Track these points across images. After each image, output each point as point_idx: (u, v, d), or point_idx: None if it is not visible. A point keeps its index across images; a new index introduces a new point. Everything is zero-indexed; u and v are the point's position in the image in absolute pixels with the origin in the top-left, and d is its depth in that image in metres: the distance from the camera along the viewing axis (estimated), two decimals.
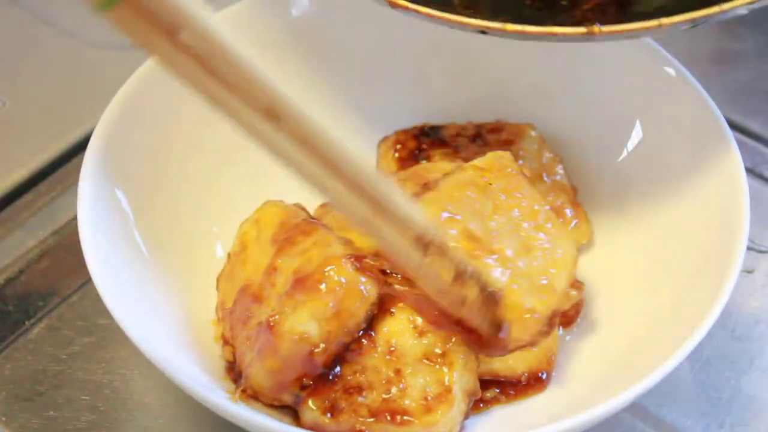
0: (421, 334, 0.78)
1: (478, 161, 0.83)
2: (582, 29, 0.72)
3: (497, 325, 0.77)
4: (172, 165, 0.91)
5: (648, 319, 0.84)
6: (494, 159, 0.83)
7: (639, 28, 0.72)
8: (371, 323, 0.78)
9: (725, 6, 0.71)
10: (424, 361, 0.77)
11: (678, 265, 0.85)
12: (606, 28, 0.73)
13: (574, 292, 0.82)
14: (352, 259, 0.77)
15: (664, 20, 0.71)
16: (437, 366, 0.76)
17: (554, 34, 0.72)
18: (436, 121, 0.98)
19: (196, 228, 0.91)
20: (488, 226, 0.78)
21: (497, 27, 0.71)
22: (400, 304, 0.78)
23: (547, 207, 0.83)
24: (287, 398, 0.78)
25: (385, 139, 0.97)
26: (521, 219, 0.80)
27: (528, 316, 0.77)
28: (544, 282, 0.79)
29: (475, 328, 0.77)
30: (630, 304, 0.85)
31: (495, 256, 0.77)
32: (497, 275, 0.76)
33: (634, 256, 0.90)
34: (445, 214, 0.76)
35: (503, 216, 0.79)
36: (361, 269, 0.77)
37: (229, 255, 0.86)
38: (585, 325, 0.88)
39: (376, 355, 0.77)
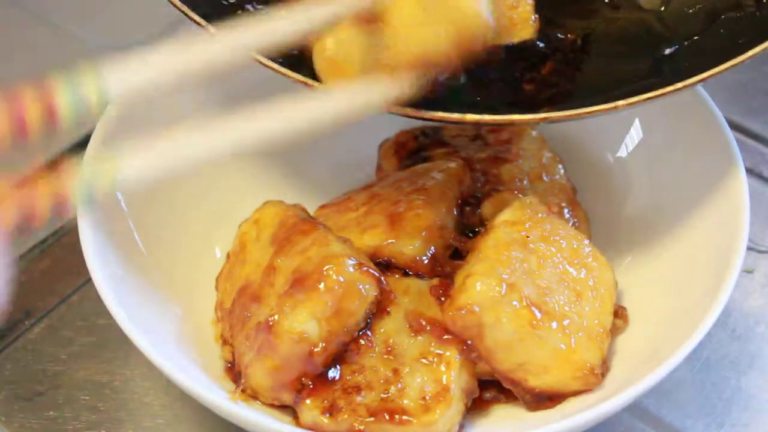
0: (418, 332, 0.78)
1: (507, 215, 0.83)
2: (540, 115, 0.75)
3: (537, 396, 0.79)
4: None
5: (647, 319, 0.84)
6: (522, 209, 0.83)
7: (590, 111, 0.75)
8: (369, 323, 0.78)
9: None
10: (422, 360, 0.77)
11: (678, 265, 0.85)
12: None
13: (620, 322, 0.84)
14: (351, 259, 0.77)
15: (620, 102, 0.74)
16: (435, 365, 0.76)
17: (513, 122, 0.76)
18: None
19: (196, 228, 0.91)
20: (540, 285, 0.78)
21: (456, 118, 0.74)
22: (397, 303, 0.79)
23: (586, 240, 0.84)
24: (286, 398, 0.78)
25: (386, 141, 0.97)
26: (566, 263, 0.81)
27: (587, 372, 0.78)
28: (600, 329, 0.80)
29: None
30: (629, 305, 0.85)
31: (554, 323, 0.78)
32: (557, 343, 0.77)
33: (633, 257, 0.90)
34: (504, 285, 0.77)
35: (549, 267, 0.80)
36: (360, 268, 0.77)
37: (228, 255, 0.86)
38: None
39: (374, 355, 0.77)
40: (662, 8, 0.83)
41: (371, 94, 0.71)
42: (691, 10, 0.82)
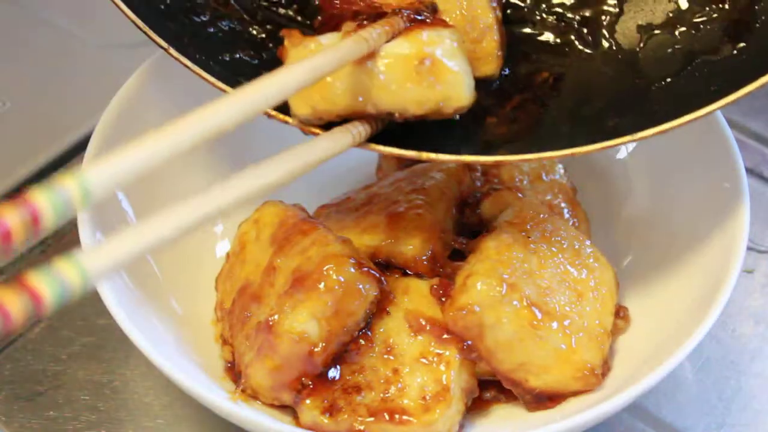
0: (418, 332, 0.78)
1: (508, 215, 0.83)
2: (493, 158, 0.76)
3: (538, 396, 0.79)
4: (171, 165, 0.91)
5: (647, 319, 0.84)
6: (523, 210, 0.83)
7: (548, 156, 0.75)
8: (369, 323, 0.78)
9: (637, 135, 0.74)
10: (422, 360, 0.77)
11: (678, 266, 0.85)
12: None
13: (622, 323, 0.84)
14: (351, 258, 0.77)
15: (577, 149, 0.74)
16: (435, 365, 0.77)
17: (468, 162, 0.77)
18: None
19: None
20: (540, 285, 0.79)
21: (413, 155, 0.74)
22: (396, 303, 0.79)
23: (588, 241, 0.84)
24: (286, 398, 0.78)
25: None
26: (567, 263, 0.81)
27: (587, 373, 0.78)
28: (600, 330, 0.80)
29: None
30: (629, 304, 0.85)
31: (555, 323, 0.78)
32: (558, 343, 0.77)
33: (633, 257, 0.90)
34: (505, 285, 0.77)
35: (550, 267, 0.80)
36: (360, 268, 0.77)
37: (228, 255, 0.86)
38: None
39: (374, 355, 0.77)
40: (639, 47, 0.83)
41: (343, 137, 0.72)
42: (668, 51, 0.82)
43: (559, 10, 0.85)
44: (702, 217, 0.85)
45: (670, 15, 0.83)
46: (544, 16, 0.86)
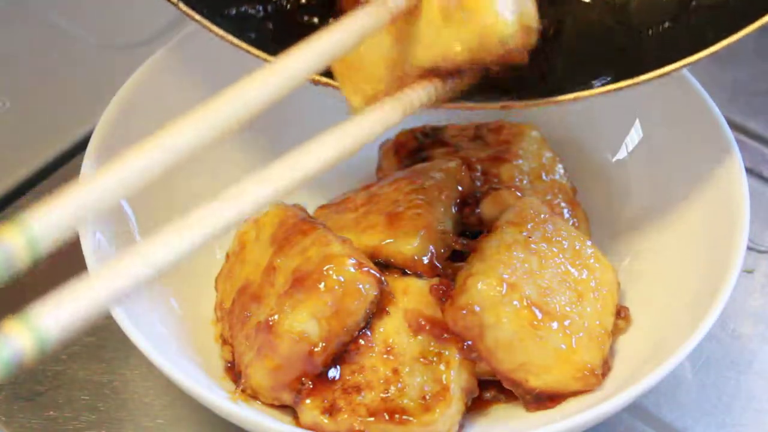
0: (417, 332, 0.78)
1: (509, 216, 0.83)
2: (498, 103, 0.76)
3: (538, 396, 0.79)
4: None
5: (647, 319, 0.84)
6: (524, 210, 0.83)
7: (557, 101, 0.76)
8: (369, 322, 0.78)
9: (642, 77, 0.74)
10: (421, 359, 0.77)
11: (678, 266, 0.85)
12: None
13: (622, 323, 0.84)
14: (351, 258, 0.77)
15: (582, 93, 0.75)
16: (434, 364, 0.77)
17: (471, 108, 0.76)
18: (438, 121, 0.98)
19: None
20: (541, 285, 0.79)
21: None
22: (396, 303, 0.79)
23: (589, 242, 0.84)
24: (286, 398, 0.78)
25: (386, 141, 0.97)
26: (567, 263, 0.81)
27: (587, 373, 0.78)
28: (601, 330, 0.80)
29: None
30: (629, 304, 0.85)
31: (555, 323, 0.78)
32: (558, 343, 0.77)
33: (633, 257, 0.90)
34: (505, 285, 0.77)
35: (551, 267, 0.80)
36: (360, 268, 0.77)
37: (227, 255, 0.86)
38: None
39: (374, 355, 0.77)
40: None
41: (395, 109, 0.69)
42: None
43: None
44: (702, 216, 0.85)
45: None
46: None
